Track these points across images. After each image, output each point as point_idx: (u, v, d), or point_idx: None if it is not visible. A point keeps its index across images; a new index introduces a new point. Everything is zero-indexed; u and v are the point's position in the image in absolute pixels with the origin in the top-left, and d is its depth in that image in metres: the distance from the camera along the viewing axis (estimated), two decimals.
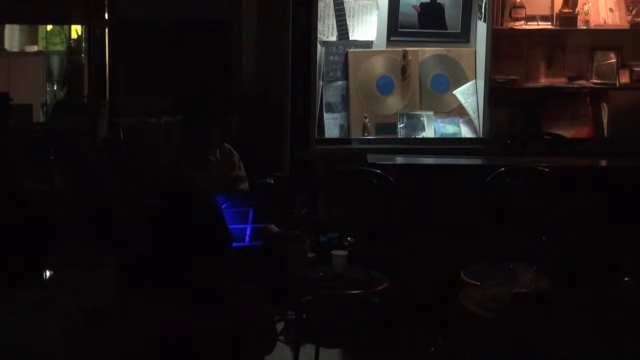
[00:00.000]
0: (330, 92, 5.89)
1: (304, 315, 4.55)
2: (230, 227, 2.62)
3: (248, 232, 4.07)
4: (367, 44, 5.93)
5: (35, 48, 6.14)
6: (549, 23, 5.93)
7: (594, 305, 2.42)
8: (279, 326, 4.97)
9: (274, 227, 4.30)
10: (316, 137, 5.79)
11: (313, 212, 5.18)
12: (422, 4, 5.92)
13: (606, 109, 5.99)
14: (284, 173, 5.59)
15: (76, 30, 6.07)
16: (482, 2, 5.79)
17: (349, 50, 5.87)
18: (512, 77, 5.92)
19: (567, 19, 5.88)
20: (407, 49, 5.91)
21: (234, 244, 3.31)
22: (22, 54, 6.08)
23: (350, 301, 4.36)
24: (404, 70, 5.93)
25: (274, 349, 2.70)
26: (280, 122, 5.74)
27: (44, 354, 2.43)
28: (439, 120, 5.95)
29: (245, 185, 4.46)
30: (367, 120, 5.88)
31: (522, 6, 5.84)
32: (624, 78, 5.97)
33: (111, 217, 4.48)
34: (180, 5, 5.66)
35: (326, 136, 5.85)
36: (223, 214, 2.59)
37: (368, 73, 5.91)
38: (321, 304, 4.50)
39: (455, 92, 5.96)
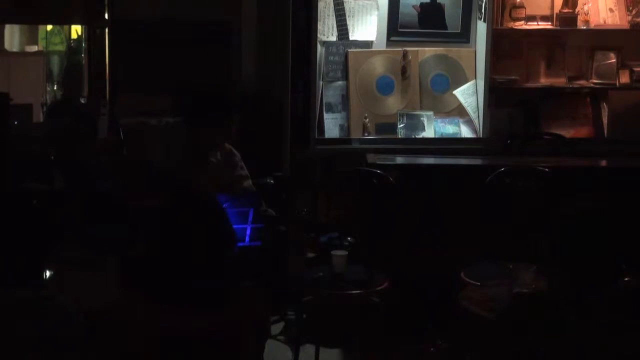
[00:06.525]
0: (330, 92, 5.89)
1: (304, 315, 4.54)
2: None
3: (248, 232, 4.07)
4: (367, 44, 5.92)
5: (35, 48, 6.14)
6: (549, 23, 5.93)
7: (594, 305, 2.42)
8: (279, 326, 4.98)
9: (271, 211, 4.35)
10: (316, 137, 5.78)
11: (313, 212, 5.18)
12: (422, 4, 5.91)
13: (606, 109, 5.99)
14: (284, 173, 5.59)
15: (76, 30, 6.08)
16: (482, 2, 5.79)
17: (349, 50, 5.87)
18: (512, 77, 5.92)
19: (567, 19, 5.88)
20: (407, 49, 5.91)
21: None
22: (22, 54, 6.09)
23: (350, 301, 4.36)
24: (404, 70, 5.92)
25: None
26: (280, 122, 5.74)
27: (43, 353, 2.43)
28: (439, 120, 5.94)
29: (248, 183, 4.47)
30: (367, 120, 5.87)
31: (522, 6, 5.84)
32: (624, 78, 5.97)
33: (111, 217, 4.48)
34: (180, 5, 5.66)
35: (326, 136, 5.85)
36: (227, 214, 2.59)
37: (368, 73, 5.91)
38: (321, 304, 4.50)
39: (455, 92, 5.96)
